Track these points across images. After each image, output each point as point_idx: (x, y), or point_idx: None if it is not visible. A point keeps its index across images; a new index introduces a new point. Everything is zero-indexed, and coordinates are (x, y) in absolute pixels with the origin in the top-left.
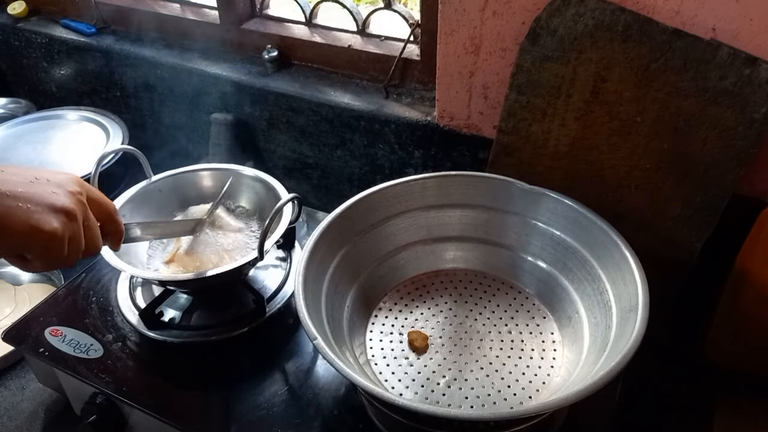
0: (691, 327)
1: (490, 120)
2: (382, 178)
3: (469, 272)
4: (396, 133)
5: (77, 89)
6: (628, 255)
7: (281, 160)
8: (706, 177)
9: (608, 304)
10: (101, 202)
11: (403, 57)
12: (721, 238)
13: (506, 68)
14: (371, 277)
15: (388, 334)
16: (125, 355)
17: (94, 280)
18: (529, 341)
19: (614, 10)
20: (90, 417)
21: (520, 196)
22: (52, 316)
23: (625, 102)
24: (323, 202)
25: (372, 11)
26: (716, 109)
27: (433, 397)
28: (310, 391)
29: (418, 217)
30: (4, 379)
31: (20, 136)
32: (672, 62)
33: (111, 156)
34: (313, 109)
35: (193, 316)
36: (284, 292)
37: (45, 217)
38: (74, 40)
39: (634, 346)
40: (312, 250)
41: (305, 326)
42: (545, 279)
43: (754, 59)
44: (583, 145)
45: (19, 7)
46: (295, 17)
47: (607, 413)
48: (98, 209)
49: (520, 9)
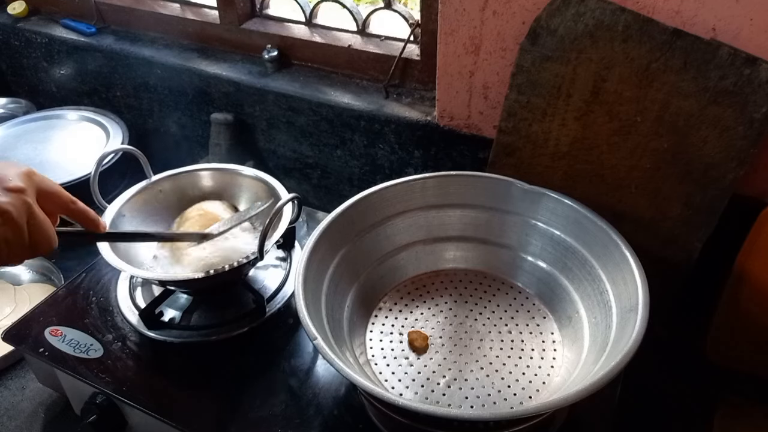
0: (691, 327)
1: (490, 120)
2: (382, 178)
3: (469, 272)
4: (396, 133)
5: (77, 89)
6: (628, 255)
7: (281, 160)
8: (706, 177)
9: (608, 304)
10: (54, 194)
11: (403, 57)
12: (721, 238)
13: (506, 68)
14: (371, 277)
15: (388, 334)
16: (125, 355)
17: (94, 280)
18: (529, 341)
19: (614, 10)
20: (90, 417)
21: (520, 196)
22: (52, 316)
23: (625, 102)
24: (323, 202)
25: (372, 11)
26: (716, 109)
27: (433, 397)
28: (310, 391)
29: (418, 217)
30: (4, 379)
31: (20, 136)
32: (672, 62)
33: (111, 156)
34: (313, 109)
35: (193, 316)
36: (284, 292)
37: None
38: (74, 40)
39: (634, 346)
40: (312, 250)
41: (305, 326)
42: (545, 279)
43: (754, 59)
44: (583, 145)
45: (19, 7)
46: (295, 17)
47: (607, 413)
48: (52, 202)
49: (520, 9)
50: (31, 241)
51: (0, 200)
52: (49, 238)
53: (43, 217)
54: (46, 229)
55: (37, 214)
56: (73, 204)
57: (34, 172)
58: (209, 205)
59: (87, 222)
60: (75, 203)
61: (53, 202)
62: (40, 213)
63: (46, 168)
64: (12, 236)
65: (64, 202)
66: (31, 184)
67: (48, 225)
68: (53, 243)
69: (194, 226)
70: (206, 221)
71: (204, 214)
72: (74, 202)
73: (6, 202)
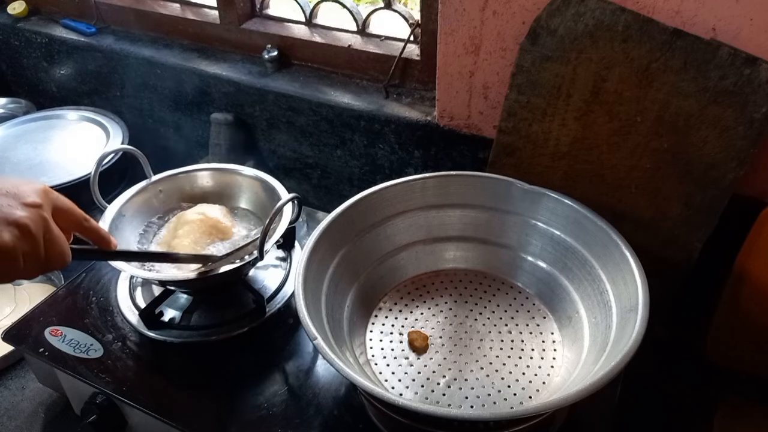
0: (691, 327)
1: (490, 120)
2: (382, 178)
3: (469, 272)
4: (396, 133)
5: (77, 89)
6: (628, 255)
7: (281, 160)
8: (706, 177)
9: (608, 304)
10: (69, 212)
11: (403, 57)
12: (721, 238)
13: (506, 68)
14: (371, 277)
15: (388, 334)
16: (125, 355)
17: (94, 280)
18: (529, 341)
19: (614, 10)
20: (90, 417)
21: (520, 196)
22: (52, 316)
23: (625, 102)
24: (323, 202)
25: (372, 11)
26: (716, 109)
27: (433, 397)
28: (310, 391)
29: (418, 217)
30: (4, 379)
31: (20, 136)
32: (672, 62)
33: (111, 156)
34: (313, 109)
35: (193, 316)
36: (284, 292)
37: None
38: (74, 40)
39: (634, 346)
40: (312, 250)
41: (305, 326)
42: (545, 279)
43: (754, 59)
44: (583, 145)
45: (19, 7)
46: (295, 17)
47: (607, 413)
48: (66, 219)
49: (520, 9)
50: (47, 255)
51: (19, 215)
52: (63, 253)
53: (58, 232)
54: (61, 244)
55: (53, 229)
56: (86, 222)
57: (50, 190)
58: (209, 209)
59: (99, 240)
60: (88, 221)
61: (67, 219)
62: (56, 228)
63: (46, 168)
64: (29, 249)
65: (77, 220)
66: (47, 200)
67: (63, 240)
68: (67, 258)
69: (194, 230)
70: (206, 227)
71: (204, 219)
72: (87, 220)
73: (25, 217)
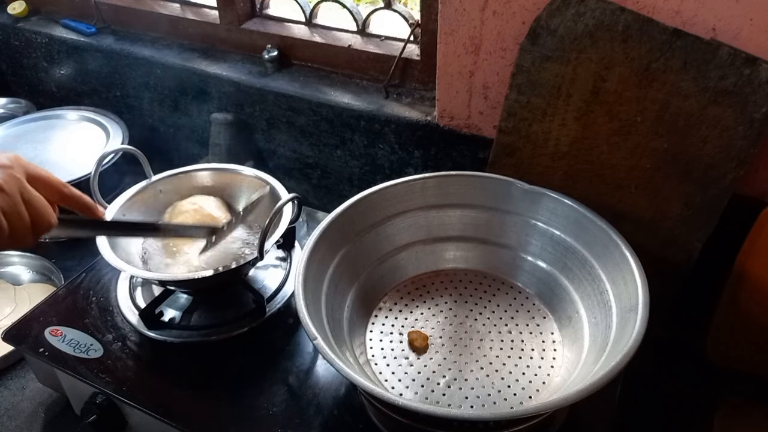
0: (691, 327)
1: (490, 120)
2: (382, 178)
3: (469, 272)
4: (396, 133)
5: (77, 89)
6: (628, 255)
7: (281, 160)
8: (706, 177)
9: (608, 303)
10: (45, 178)
11: (403, 57)
12: (721, 238)
13: (506, 68)
14: (371, 277)
15: (388, 334)
16: (125, 355)
17: (94, 280)
18: (529, 341)
19: (614, 10)
20: (90, 417)
21: (520, 196)
22: (52, 316)
23: (625, 102)
24: (323, 202)
25: (372, 11)
26: (716, 109)
27: (433, 397)
28: (310, 391)
29: (418, 217)
30: (4, 379)
31: (20, 136)
32: (672, 62)
33: (111, 156)
34: (313, 109)
35: (193, 316)
36: (284, 292)
37: None
38: (74, 40)
39: (634, 346)
40: (312, 250)
41: (305, 326)
42: (545, 279)
43: (754, 59)
44: (583, 145)
45: (19, 7)
46: (295, 17)
47: (607, 413)
48: (43, 186)
49: (520, 9)
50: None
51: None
52: (46, 214)
53: (35, 193)
54: (42, 205)
55: (28, 189)
56: (65, 188)
57: (20, 157)
58: (203, 200)
59: (82, 207)
60: (67, 187)
61: (44, 186)
62: (32, 189)
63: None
64: (7, 207)
65: (55, 186)
66: (18, 165)
67: (43, 201)
68: (52, 219)
69: (188, 221)
70: (201, 217)
71: (198, 209)
72: (66, 187)
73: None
